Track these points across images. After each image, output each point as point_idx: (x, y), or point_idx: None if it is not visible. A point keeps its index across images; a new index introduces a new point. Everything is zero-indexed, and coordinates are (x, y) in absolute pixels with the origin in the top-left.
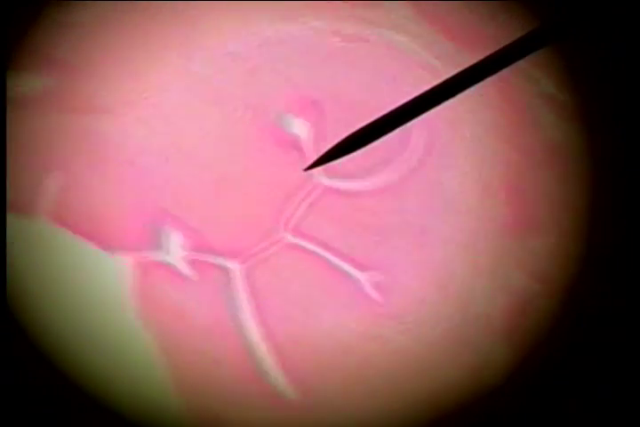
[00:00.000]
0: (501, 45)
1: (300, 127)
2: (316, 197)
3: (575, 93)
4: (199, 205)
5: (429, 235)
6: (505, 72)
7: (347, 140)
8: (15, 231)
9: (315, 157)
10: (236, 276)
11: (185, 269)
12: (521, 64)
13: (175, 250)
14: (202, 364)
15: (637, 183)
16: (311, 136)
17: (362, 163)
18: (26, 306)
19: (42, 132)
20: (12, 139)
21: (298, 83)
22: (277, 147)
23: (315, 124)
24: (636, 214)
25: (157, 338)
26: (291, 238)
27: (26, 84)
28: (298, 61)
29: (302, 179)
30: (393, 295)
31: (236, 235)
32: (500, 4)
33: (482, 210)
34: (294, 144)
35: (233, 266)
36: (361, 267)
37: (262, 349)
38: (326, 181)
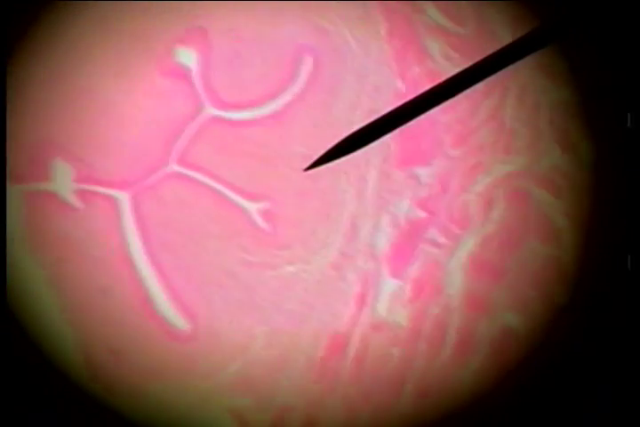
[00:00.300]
0: (502, 45)
1: (187, 57)
2: (203, 127)
3: (575, 93)
4: (87, 135)
5: None
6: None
7: (346, 140)
8: None
9: (201, 88)
10: (124, 206)
11: (74, 199)
12: None
13: (64, 181)
14: (92, 295)
15: (638, 183)
16: (199, 66)
17: (248, 93)
18: None
19: None
20: None
21: (186, 12)
22: (165, 77)
23: (202, 55)
24: (637, 215)
25: (47, 270)
26: (178, 168)
27: None
28: None
29: (190, 109)
30: (281, 225)
31: (124, 165)
32: (500, 3)
33: None
34: (181, 73)
35: (121, 196)
36: (248, 196)
37: (151, 278)
38: (213, 112)
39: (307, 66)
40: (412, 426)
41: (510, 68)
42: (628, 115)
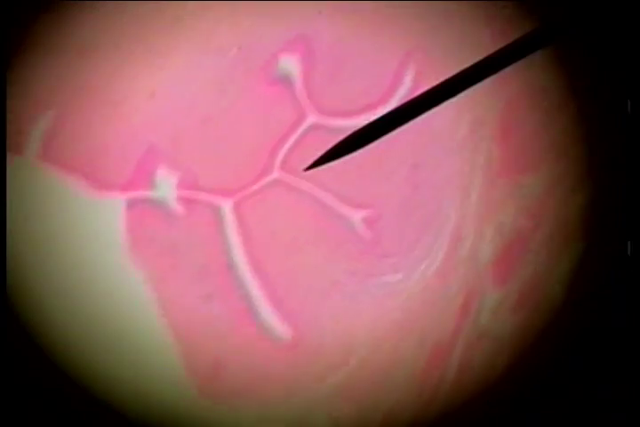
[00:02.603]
0: (502, 45)
1: (290, 65)
2: (306, 135)
3: (574, 94)
4: (190, 143)
5: (420, 172)
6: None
7: (347, 140)
8: (7, 171)
9: (305, 97)
10: (226, 213)
11: (176, 206)
12: None
13: (166, 188)
14: (193, 301)
15: (638, 183)
16: (301, 74)
17: (352, 102)
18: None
19: (33, 74)
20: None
21: (290, 21)
22: (268, 85)
23: (304, 62)
24: (637, 214)
25: (148, 276)
26: (281, 175)
27: None
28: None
29: (293, 116)
30: (385, 233)
31: (227, 172)
32: (500, 3)
33: (473, 147)
34: (284, 82)
35: (223, 203)
36: (352, 205)
37: (254, 286)
38: (317, 120)
39: (411, 74)
40: None
41: None
42: (628, 102)
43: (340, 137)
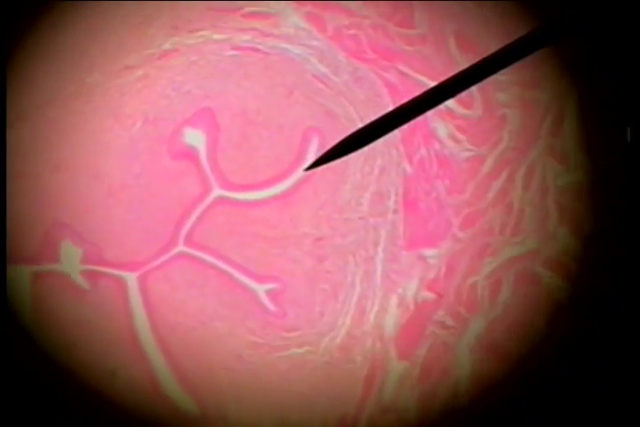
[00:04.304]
0: (502, 45)
1: (195, 138)
2: (211, 208)
3: (573, 94)
4: (95, 216)
5: (324, 245)
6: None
7: (346, 140)
8: None
9: (209, 170)
10: (131, 287)
11: (81, 280)
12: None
13: (71, 262)
14: (99, 375)
15: (637, 185)
16: (206, 147)
17: (256, 175)
18: None
19: None
20: None
21: (195, 95)
22: (173, 158)
23: (209, 135)
24: (636, 222)
25: (54, 350)
26: (186, 250)
27: None
28: (194, 73)
29: (197, 189)
30: (289, 307)
31: (131, 245)
32: (500, 3)
33: (377, 219)
34: (189, 155)
35: (129, 277)
36: (256, 277)
37: (159, 360)
38: (221, 193)
39: (314, 147)
40: None
41: (518, 149)
42: (628, 130)
43: (246, 210)
